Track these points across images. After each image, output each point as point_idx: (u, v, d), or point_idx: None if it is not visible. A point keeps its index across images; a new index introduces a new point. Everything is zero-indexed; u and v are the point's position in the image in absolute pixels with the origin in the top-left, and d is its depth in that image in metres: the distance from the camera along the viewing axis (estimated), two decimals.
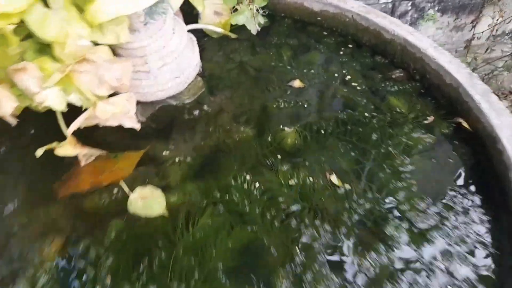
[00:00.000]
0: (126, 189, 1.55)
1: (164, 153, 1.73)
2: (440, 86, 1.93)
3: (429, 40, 2.02)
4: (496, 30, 3.51)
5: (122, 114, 1.58)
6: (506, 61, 3.48)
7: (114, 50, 1.70)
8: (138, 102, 1.79)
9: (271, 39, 2.18)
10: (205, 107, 1.95)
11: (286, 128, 1.82)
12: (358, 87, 2.04)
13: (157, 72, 1.68)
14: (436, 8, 3.69)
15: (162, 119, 1.90)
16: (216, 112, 1.79)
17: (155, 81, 1.54)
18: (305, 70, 2.16)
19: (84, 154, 1.64)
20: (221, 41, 2.34)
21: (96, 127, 1.34)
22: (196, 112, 1.92)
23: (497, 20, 3.34)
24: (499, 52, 3.50)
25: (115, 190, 1.42)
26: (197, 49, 1.92)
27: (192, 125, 1.81)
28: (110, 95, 1.50)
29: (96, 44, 1.57)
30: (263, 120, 1.88)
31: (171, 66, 1.73)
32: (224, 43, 2.33)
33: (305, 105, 1.95)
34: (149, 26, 1.65)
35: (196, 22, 2.23)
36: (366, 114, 1.88)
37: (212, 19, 2.29)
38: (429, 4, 3.65)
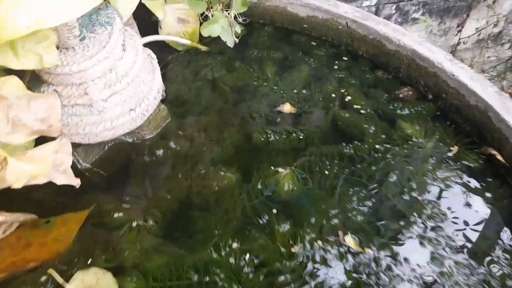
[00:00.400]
0: (59, 279, 1.06)
1: (115, 215, 1.26)
2: (461, 108, 1.58)
3: (443, 51, 1.67)
4: (484, 34, 3.28)
5: (51, 168, 1.10)
6: (495, 66, 3.25)
7: (40, 77, 1.21)
8: (78, 145, 1.31)
9: (250, 51, 1.76)
10: (172, 144, 1.49)
11: (279, 170, 1.40)
12: (362, 111, 1.65)
13: (103, 105, 1.21)
14: (421, 12, 3.42)
15: (113, 164, 1.43)
16: (186, 150, 1.35)
17: (101, 118, 1.07)
18: (295, 91, 1.75)
19: (0, 221, 1.14)
20: (189, 55, 1.89)
21: None
22: (160, 152, 1.46)
23: (486, 23, 3.10)
24: (489, 56, 3.27)
25: (43, 278, 0.96)
26: (158, 69, 1.46)
27: (154, 171, 1.35)
28: (39, 140, 1.03)
29: (7, 70, 1.09)
30: (249, 159, 1.44)
31: (122, 96, 1.26)
32: (193, 58, 1.89)
33: (301, 137, 1.54)
34: (87, 43, 1.17)
35: (156, 32, 1.76)
36: (377, 146, 1.49)
37: (176, 28, 1.83)
38: (414, 8, 3.37)
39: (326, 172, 1.40)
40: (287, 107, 1.67)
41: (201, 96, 1.70)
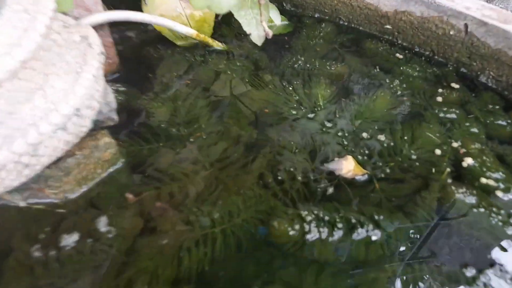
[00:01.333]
0: None
1: None
2: None
3: None
4: None
5: None
6: None
7: None
8: None
9: (292, 59, 0.95)
10: (105, 224, 0.74)
11: None
12: (498, 192, 0.81)
13: None
14: None
15: None
16: (127, 247, 0.54)
17: None
18: (364, 135, 0.95)
19: None
20: (191, 54, 1.18)
21: None
22: (72, 241, 0.71)
23: None
24: None
25: None
26: (95, 64, 0.71)
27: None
28: None
29: None
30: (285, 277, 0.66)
31: None
32: (196, 60, 1.16)
33: (375, 239, 0.72)
34: None
35: (138, 8, 1.04)
36: None
37: (176, 9, 1.10)
38: None
39: None
40: (347, 166, 0.87)
41: (192, 125, 0.95)
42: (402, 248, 0.75)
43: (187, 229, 0.75)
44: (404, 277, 0.71)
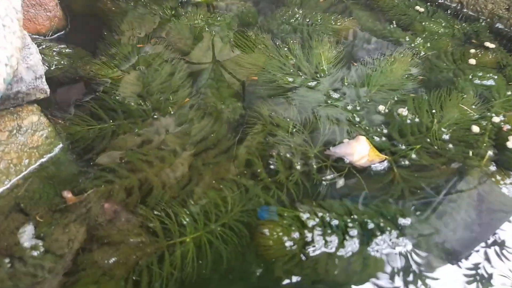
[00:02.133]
0: None
1: None
2: None
3: None
4: None
5: None
6: None
7: None
8: None
9: (286, 11, 0.73)
10: (44, 235, 0.53)
11: None
12: None
13: None
14: None
15: None
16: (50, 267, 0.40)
17: None
18: (381, 108, 0.74)
19: None
20: (158, 5, 0.92)
21: None
22: None
23: None
24: None
25: None
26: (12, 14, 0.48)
27: None
28: None
29: None
30: None
31: None
32: (165, 13, 0.91)
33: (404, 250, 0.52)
34: None
35: None
36: None
37: None
38: None
39: None
40: (360, 150, 0.67)
41: (159, 98, 0.72)
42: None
43: (147, 239, 0.56)
44: None
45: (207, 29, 0.89)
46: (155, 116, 0.70)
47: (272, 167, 0.65)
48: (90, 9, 0.91)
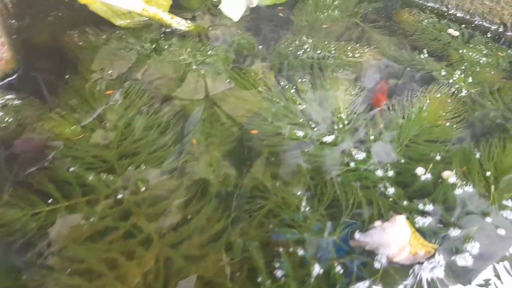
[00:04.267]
0: None
1: None
2: None
3: None
4: None
5: None
6: None
7: None
8: None
9: (292, 41, 0.81)
10: None
11: None
12: None
13: None
14: None
15: None
16: None
17: None
18: (419, 172, 0.55)
19: None
20: (136, 38, 0.75)
21: None
22: None
23: None
24: None
25: None
26: None
27: None
28: None
29: None
30: None
31: None
32: (144, 48, 0.74)
33: None
34: None
35: None
36: None
37: None
38: None
39: None
40: (400, 238, 0.48)
41: (128, 163, 0.55)
42: None
43: None
44: None
45: (194, 67, 0.72)
46: (120, 197, 0.53)
47: (277, 272, 0.48)
48: (52, 45, 0.74)
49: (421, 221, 0.52)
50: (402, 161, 0.60)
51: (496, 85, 0.74)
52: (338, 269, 0.47)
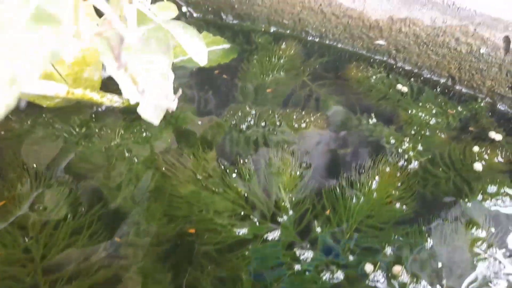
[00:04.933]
0: None
1: None
2: None
3: None
4: None
5: None
6: None
7: None
8: None
9: (237, 110, 0.82)
10: None
11: None
12: None
13: None
14: None
15: None
16: None
17: None
18: (368, 271, 0.50)
19: None
20: (64, 121, 0.69)
21: None
22: None
23: None
24: None
25: None
26: None
27: None
28: None
29: None
30: None
31: None
32: (73, 133, 0.69)
33: None
34: None
35: None
36: None
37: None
38: None
39: None
40: None
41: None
42: None
43: None
44: None
45: (126, 152, 0.67)
46: None
47: None
48: None
49: None
50: (350, 253, 0.56)
51: (447, 149, 0.71)
52: None
